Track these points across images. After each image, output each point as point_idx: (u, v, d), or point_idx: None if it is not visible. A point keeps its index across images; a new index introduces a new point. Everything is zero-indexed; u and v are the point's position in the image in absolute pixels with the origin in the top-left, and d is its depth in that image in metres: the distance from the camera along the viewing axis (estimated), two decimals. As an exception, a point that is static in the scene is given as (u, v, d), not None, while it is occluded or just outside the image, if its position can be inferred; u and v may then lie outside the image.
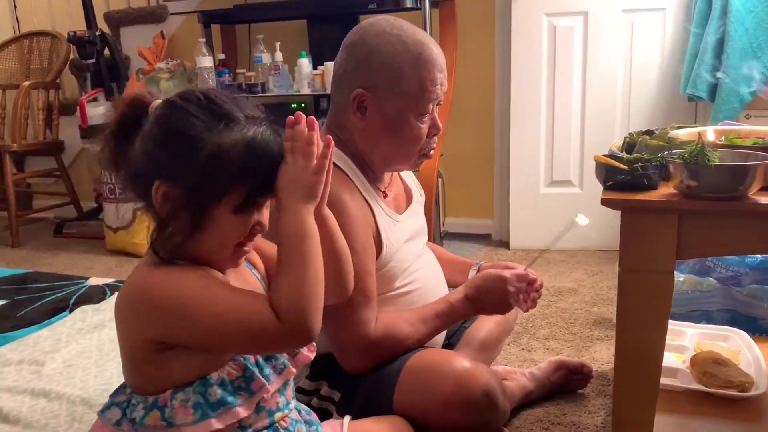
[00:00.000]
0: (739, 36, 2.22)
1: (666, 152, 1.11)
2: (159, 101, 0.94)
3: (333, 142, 0.96)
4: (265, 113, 0.96)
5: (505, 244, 3.02)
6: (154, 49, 3.21)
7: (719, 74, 2.26)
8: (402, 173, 1.53)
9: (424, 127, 1.33)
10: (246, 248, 0.96)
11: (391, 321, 1.31)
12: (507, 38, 2.80)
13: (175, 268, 0.91)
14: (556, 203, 2.85)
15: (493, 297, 1.34)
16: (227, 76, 2.94)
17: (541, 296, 1.51)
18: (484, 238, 3.16)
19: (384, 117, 1.30)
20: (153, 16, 3.31)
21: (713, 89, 2.30)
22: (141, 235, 3.00)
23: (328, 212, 1.01)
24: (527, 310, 1.51)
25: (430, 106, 1.31)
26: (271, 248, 1.01)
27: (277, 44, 2.84)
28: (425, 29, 2.60)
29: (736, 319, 1.74)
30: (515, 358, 1.92)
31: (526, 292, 1.51)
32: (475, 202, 3.20)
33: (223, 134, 0.89)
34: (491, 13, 2.93)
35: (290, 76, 2.85)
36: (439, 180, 3.00)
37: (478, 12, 2.94)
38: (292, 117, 0.94)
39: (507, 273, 1.35)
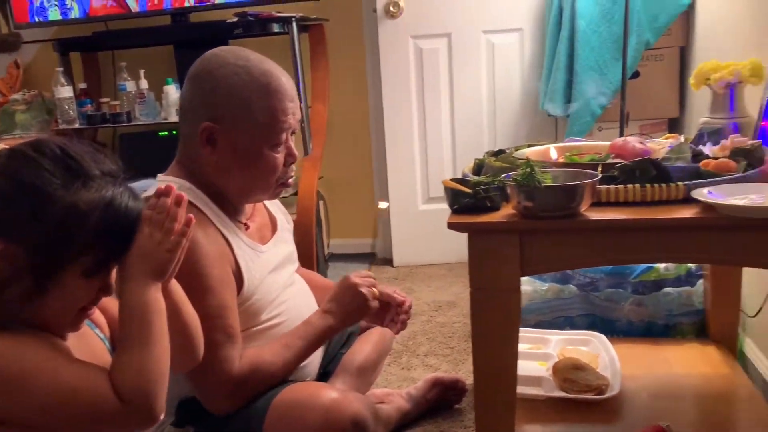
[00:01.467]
0: (586, 55, 2.37)
1: (505, 175, 1.16)
2: (2, 147, 0.87)
3: (194, 221, 0.95)
4: (122, 169, 0.92)
5: (389, 262, 3.06)
6: (7, 80, 3.00)
7: (571, 91, 2.40)
8: (266, 202, 1.51)
9: (280, 157, 1.31)
10: (89, 312, 0.90)
11: (254, 355, 1.28)
12: (376, 60, 2.85)
13: (11, 335, 0.83)
14: (434, 219, 2.91)
15: (349, 298, 1.36)
16: (90, 106, 2.80)
17: (410, 317, 1.53)
18: (368, 257, 3.18)
19: (236, 149, 1.28)
20: (5, 45, 3.10)
21: (567, 105, 2.43)
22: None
23: (174, 283, 0.97)
24: (398, 332, 1.53)
25: (283, 135, 1.30)
26: (116, 307, 0.95)
27: (142, 71, 2.74)
28: (294, 54, 2.60)
29: (596, 322, 1.85)
30: (396, 378, 1.94)
31: (396, 314, 1.53)
32: (358, 222, 3.21)
33: (79, 193, 0.83)
34: (360, 36, 2.97)
35: (157, 103, 2.75)
36: (321, 202, 3.00)
37: (348, 35, 2.97)
38: (162, 187, 0.92)
39: (351, 274, 1.37)
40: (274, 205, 1.55)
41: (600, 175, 1.11)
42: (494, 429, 1.19)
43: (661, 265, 1.81)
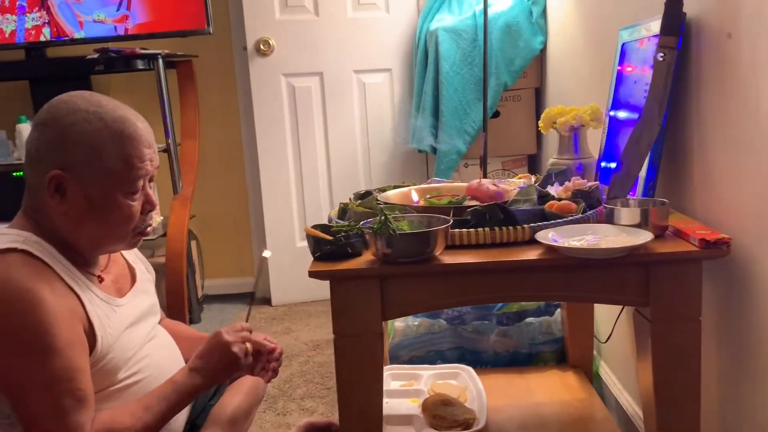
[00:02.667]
0: (450, 95, 2.48)
1: (365, 222, 1.18)
2: None
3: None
4: None
5: (267, 301, 3.01)
6: None
7: (438, 129, 2.50)
8: (124, 251, 1.44)
9: (136, 205, 1.26)
10: None
11: (109, 418, 1.20)
12: (248, 97, 2.83)
13: None
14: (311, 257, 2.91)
15: (218, 357, 1.30)
16: (-70, 146, 2.57)
17: (281, 364, 1.50)
18: (246, 297, 3.11)
19: (87, 198, 1.21)
20: None
21: (435, 143, 2.53)
22: None
23: None
24: (269, 380, 1.50)
25: (140, 182, 1.25)
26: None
27: (-8, 109, 2.56)
28: (160, 90, 2.52)
29: (465, 355, 1.91)
30: (270, 425, 1.90)
31: (267, 362, 1.50)
32: (234, 262, 3.14)
33: None
34: (231, 73, 2.94)
35: (10, 142, 2.57)
36: (194, 242, 2.91)
37: (218, 72, 2.94)
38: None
39: (223, 329, 1.32)
40: (133, 255, 1.48)
41: (451, 221, 1.16)
42: (362, 475, 1.19)
43: (523, 297, 1.90)
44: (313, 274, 1.14)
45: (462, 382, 1.76)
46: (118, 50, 2.50)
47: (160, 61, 2.51)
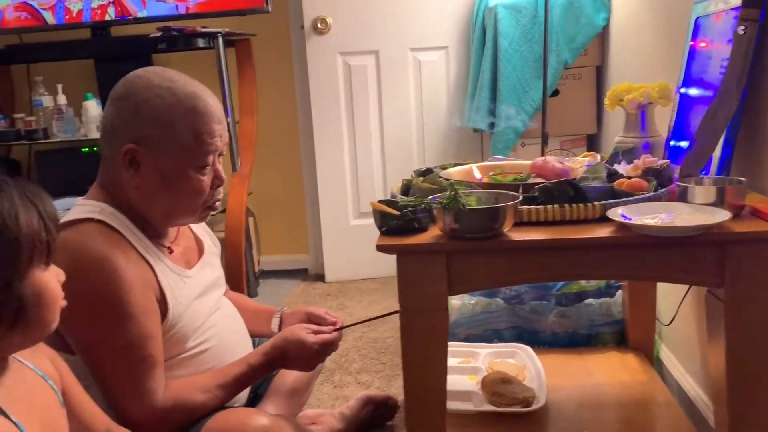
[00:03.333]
0: (508, 73, 2.44)
1: (432, 197, 1.18)
2: None
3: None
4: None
5: (321, 278, 3.04)
6: None
7: (495, 108, 2.47)
8: (192, 224, 1.48)
9: (206, 179, 1.29)
10: None
11: (181, 389, 1.24)
12: (305, 76, 2.85)
13: None
14: (366, 234, 2.92)
15: (298, 360, 1.34)
16: (3, 121, 2.67)
17: (342, 338, 1.53)
18: (300, 274, 3.16)
19: (160, 172, 1.25)
20: None
21: (492, 122, 2.50)
22: None
23: None
24: (322, 361, 1.53)
25: (210, 158, 1.28)
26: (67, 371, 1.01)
27: (59, 86, 2.64)
28: (220, 69, 2.56)
29: (522, 334, 1.90)
30: (328, 397, 1.93)
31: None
32: (289, 239, 3.19)
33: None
34: (288, 51, 2.96)
35: (76, 119, 2.66)
36: (250, 219, 2.96)
37: (275, 50, 2.96)
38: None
39: (311, 339, 1.33)
40: (200, 228, 1.52)
41: (521, 197, 1.15)
42: (426, 447, 1.21)
43: (582, 278, 1.88)
44: (380, 248, 1.15)
45: (519, 361, 1.75)
46: (179, 29, 2.54)
47: (220, 39, 2.55)
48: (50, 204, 0.88)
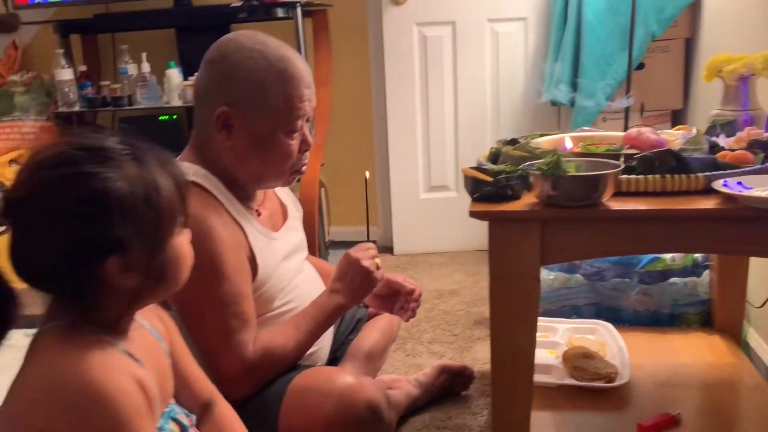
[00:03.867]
0: (592, 45, 2.37)
1: (527, 164, 1.16)
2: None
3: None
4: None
5: (389, 250, 3.06)
6: (6, 61, 2.96)
7: (577, 81, 2.40)
8: (276, 189, 1.50)
9: (295, 144, 1.31)
10: None
11: (267, 339, 1.28)
12: (380, 47, 2.84)
13: None
14: (435, 208, 2.92)
15: (352, 274, 1.35)
16: (90, 88, 2.76)
17: (419, 305, 1.54)
18: (368, 245, 3.17)
19: (251, 135, 1.27)
20: (3, 25, 3.05)
21: (572, 95, 2.44)
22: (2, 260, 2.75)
23: None
24: (408, 320, 1.54)
25: (299, 122, 1.29)
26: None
27: (144, 54, 2.71)
28: (297, 39, 2.58)
29: (602, 311, 1.86)
30: (401, 364, 1.95)
31: (406, 302, 1.54)
32: (358, 210, 3.20)
33: (145, 169, 0.84)
34: (364, 22, 2.95)
35: (159, 87, 2.73)
36: (322, 190, 2.99)
37: (351, 21, 2.95)
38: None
39: (350, 250, 1.36)
40: (284, 193, 1.55)
41: (623, 165, 1.11)
42: (512, 417, 1.20)
43: (668, 256, 1.83)
44: (473, 215, 1.14)
45: (600, 338, 1.72)
46: (259, -1, 2.57)
47: (299, 9, 2.56)
48: (179, 168, 0.90)
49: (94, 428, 0.77)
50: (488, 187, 1.16)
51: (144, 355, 0.87)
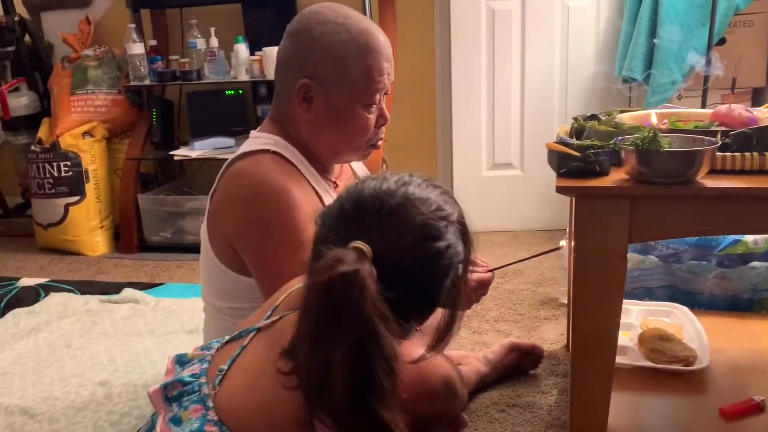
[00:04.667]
0: (670, 19, 2.28)
1: (617, 138, 1.13)
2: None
3: None
4: None
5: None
6: (79, 36, 3.03)
7: (653, 57, 2.32)
8: (351, 163, 1.51)
9: (372, 117, 1.30)
10: None
11: None
12: (446, 22, 2.79)
13: None
14: (498, 186, 2.89)
15: None
16: (160, 62, 2.82)
17: (494, 278, 1.52)
18: (428, 222, 3.16)
19: (330, 107, 1.27)
20: (77, 1, 3.14)
21: (647, 71, 2.36)
22: (75, 230, 2.87)
23: None
24: (477, 301, 1.53)
25: (377, 96, 1.29)
26: None
27: (212, 29, 2.74)
28: (364, 12, 2.57)
29: (677, 294, 1.81)
30: (467, 341, 1.94)
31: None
32: (418, 187, 3.19)
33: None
34: (430, -5, 2.91)
35: (226, 62, 2.76)
36: (384, 166, 2.99)
37: (418, -5, 2.92)
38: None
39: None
40: (358, 166, 1.55)
41: (720, 142, 1.07)
42: (591, 396, 1.19)
43: (750, 239, 1.76)
44: (560, 190, 1.12)
45: (675, 321, 1.68)
46: (327, -28, 2.56)
47: (365, -19, 2.54)
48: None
49: None
50: (576, 162, 1.14)
51: None
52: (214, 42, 2.75)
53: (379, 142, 1.38)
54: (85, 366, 1.76)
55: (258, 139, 1.33)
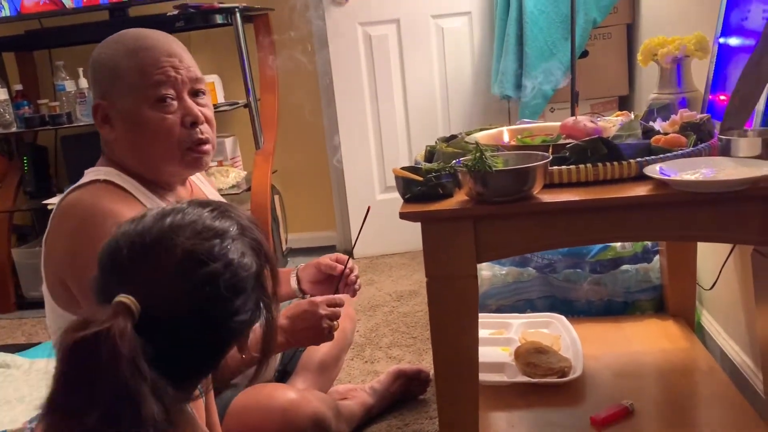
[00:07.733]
0: (534, 36, 2.35)
1: (456, 161, 1.13)
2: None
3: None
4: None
5: (349, 254, 3.00)
6: (-64, 83, 2.84)
7: (522, 73, 2.39)
8: (203, 187, 1.43)
9: (171, 117, 1.20)
10: None
11: None
12: (326, 50, 2.79)
13: None
14: (393, 208, 2.86)
15: (306, 324, 1.30)
16: (27, 108, 2.67)
17: (359, 277, 1.50)
18: (329, 250, 3.12)
19: (124, 119, 1.20)
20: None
21: (519, 87, 2.42)
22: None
23: None
24: (354, 294, 1.50)
25: (161, 90, 1.19)
26: None
27: (80, 70, 2.63)
28: (239, 45, 2.53)
29: (556, 304, 1.84)
30: (358, 372, 1.90)
31: (345, 285, 1.49)
32: (316, 215, 3.16)
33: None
34: (307, 25, 2.90)
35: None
36: (276, 197, 2.94)
37: (294, 25, 2.89)
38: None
39: (318, 298, 1.31)
40: (208, 189, 1.47)
41: (551, 157, 1.09)
42: (458, 419, 1.17)
43: (618, 244, 1.81)
44: (403, 216, 1.11)
45: (554, 331, 1.70)
46: (196, 5, 2.50)
47: (238, 15, 2.51)
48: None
49: None
50: (419, 187, 1.12)
51: None
52: (84, 83, 2.63)
53: (204, 146, 1.26)
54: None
55: (89, 174, 1.25)
